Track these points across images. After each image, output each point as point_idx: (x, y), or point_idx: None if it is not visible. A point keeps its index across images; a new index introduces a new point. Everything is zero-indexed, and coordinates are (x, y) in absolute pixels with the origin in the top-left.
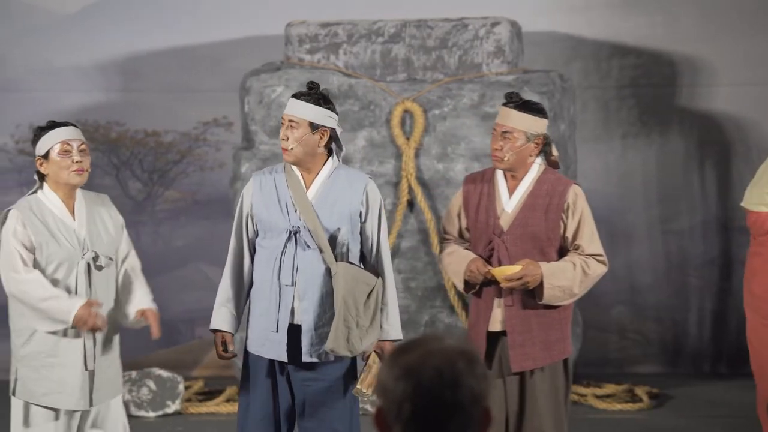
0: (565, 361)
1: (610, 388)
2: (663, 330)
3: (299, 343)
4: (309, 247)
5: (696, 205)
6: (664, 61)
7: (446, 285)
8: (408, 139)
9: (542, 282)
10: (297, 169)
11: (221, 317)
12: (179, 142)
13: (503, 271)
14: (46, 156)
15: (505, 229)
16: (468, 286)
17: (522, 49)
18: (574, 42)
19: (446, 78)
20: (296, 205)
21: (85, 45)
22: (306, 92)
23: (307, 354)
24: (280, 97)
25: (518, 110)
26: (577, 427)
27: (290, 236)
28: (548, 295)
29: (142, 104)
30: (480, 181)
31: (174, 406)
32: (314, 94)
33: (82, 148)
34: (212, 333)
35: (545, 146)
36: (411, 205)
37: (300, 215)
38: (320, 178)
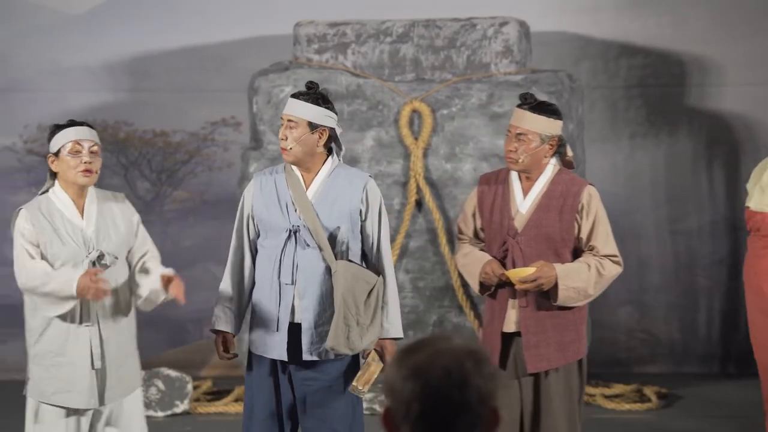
0: (580, 362)
1: (618, 388)
2: (671, 330)
3: (300, 341)
4: (309, 245)
5: (704, 205)
6: (673, 61)
7: (454, 285)
8: (416, 139)
9: (557, 283)
10: (297, 168)
11: (222, 318)
12: (187, 142)
13: (518, 273)
14: (57, 154)
15: (520, 230)
16: (483, 288)
17: (530, 49)
18: (582, 42)
19: (454, 78)
20: (296, 204)
21: (93, 45)
22: (305, 92)
23: (308, 352)
24: (289, 97)
25: (533, 112)
26: (586, 427)
27: (290, 235)
28: (563, 296)
29: (150, 104)
30: (494, 181)
31: (182, 406)
32: (313, 94)
33: (94, 149)
34: (213, 334)
35: (560, 147)
36: (419, 205)
37: (300, 214)
38: (320, 177)
